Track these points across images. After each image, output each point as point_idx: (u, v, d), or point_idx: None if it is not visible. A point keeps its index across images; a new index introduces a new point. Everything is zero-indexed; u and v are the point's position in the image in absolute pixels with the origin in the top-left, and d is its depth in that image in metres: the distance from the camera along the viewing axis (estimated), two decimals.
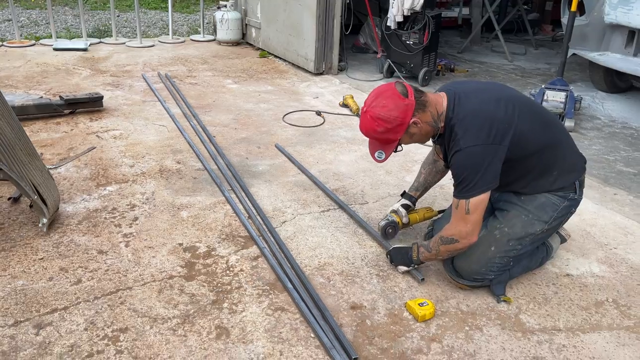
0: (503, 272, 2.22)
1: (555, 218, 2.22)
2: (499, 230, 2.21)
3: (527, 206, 2.21)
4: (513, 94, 2.21)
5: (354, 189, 3.10)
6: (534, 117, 2.16)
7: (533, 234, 2.20)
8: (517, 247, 2.19)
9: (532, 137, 2.12)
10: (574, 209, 2.29)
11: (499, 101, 2.10)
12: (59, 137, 3.65)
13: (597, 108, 4.81)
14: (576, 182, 2.24)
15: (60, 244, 2.45)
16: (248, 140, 3.76)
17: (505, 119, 2.05)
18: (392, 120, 2.08)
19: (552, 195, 2.21)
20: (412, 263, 2.29)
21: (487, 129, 2.02)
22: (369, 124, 2.12)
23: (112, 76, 5.18)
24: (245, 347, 1.90)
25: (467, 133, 2.04)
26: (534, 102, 2.28)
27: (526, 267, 2.34)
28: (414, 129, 2.13)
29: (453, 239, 2.12)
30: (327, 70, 5.58)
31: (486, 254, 2.18)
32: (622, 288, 2.32)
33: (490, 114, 2.06)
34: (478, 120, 2.05)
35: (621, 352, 1.95)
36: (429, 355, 1.91)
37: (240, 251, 2.46)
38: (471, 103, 2.10)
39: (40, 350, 1.84)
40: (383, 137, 2.14)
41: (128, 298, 2.12)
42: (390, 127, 2.09)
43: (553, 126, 2.22)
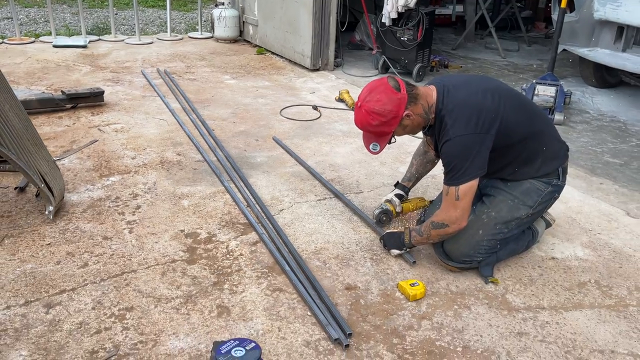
0: (490, 255, 2.33)
1: (539, 203, 2.33)
2: (486, 214, 2.32)
3: (513, 191, 2.32)
4: (498, 85, 2.33)
5: (350, 179, 3.20)
6: (519, 107, 2.27)
7: (519, 218, 2.31)
8: (503, 230, 2.30)
9: (517, 126, 2.23)
10: (557, 195, 2.40)
11: (486, 92, 2.21)
12: (61, 131, 3.74)
13: (587, 102, 4.92)
14: (559, 169, 2.35)
15: (66, 231, 2.54)
16: (246, 134, 3.86)
17: (492, 109, 2.16)
18: (386, 113, 2.18)
19: (536, 181, 2.32)
20: (404, 246, 2.40)
21: (475, 118, 2.13)
22: (364, 117, 2.22)
23: (112, 72, 5.27)
24: (245, 324, 2.00)
25: (456, 123, 2.15)
26: (518, 93, 2.39)
27: (513, 250, 2.44)
28: (406, 121, 2.23)
29: (444, 223, 2.22)
30: (324, 67, 5.68)
31: (474, 237, 2.29)
32: (604, 270, 2.43)
33: (477, 105, 2.17)
34: (466, 111, 2.16)
35: (602, 328, 2.07)
36: (419, 331, 2.02)
37: (239, 237, 2.56)
38: (459, 94, 2.21)
39: (51, 327, 1.94)
40: (378, 130, 2.24)
41: (133, 280, 2.22)
42: (385, 121, 2.19)
43: (537, 115, 2.34)
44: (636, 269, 2.44)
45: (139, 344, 1.89)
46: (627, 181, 3.32)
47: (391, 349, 1.92)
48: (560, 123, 4.28)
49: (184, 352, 1.86)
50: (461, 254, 2.30)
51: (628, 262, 2.49)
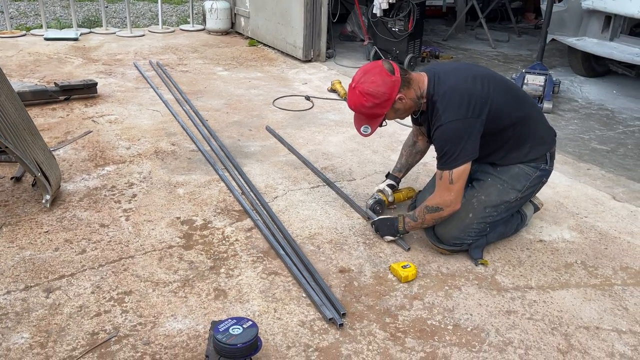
0: (480, 237, 2.39)
1: (528, 187, 2.39)
2: (476, 198, 2.38)
3: (502, 176, 2.39)
4: (487, 72, 2.38)
5: (342, 167, 3.25)
6: (508, 93, 2.33)
7: (508, 201, 2.37)
8: (493, 213, 2.36)
9: (507, 110, 2.29)
10: (545, 179, 2.46)
11: (475, 78, 2.27)
12: (55, 122, 3.76)
13: (575, 91, 5.00)
14: (547, 154, 2.41)
15: (63, 219, 2.58)
16: (240, 124, 3.89)
17: (482, 94, 2.22)
18: (379, 95, 2.22)
19: (525, 166, 2.39)
20: (398, 233, 2.45)
21: (466, 104, 2.19)
22: (358, 99, 2.26)
23: (104, 64, 5.28)
24: (242, 306, 2.06)
25: (448, 108, 2.21)
26: (506, 79, 2.44)
27: (502, 233, 2.51)
28: (399, 105, 2.28)
29: (438, 207, 2.28)
30: (316, 58, 5.72)
31: (464, 220, 2.35)
32: (590, 251, 2.50)
33: (468, 90, 2.22)
34: (457, 96, 2.21)
35: (587, 306, 2.14)
36: (411, 310, 2.07)
37: (235, 223, 2.61)
38: (450, 81, 2.26)
39: (51, 310, 1.98)
40: (370, 112, 2.28)
41: (131, 265, 2.27)
42: (378, 103, 2.23)
43: (525, 101, 2.40)
44: (621, 250, 2.51)
45: (138, 326, 1.93)
46: (614, 167, 3.40)
47: (384, 328, 1.98)
48: (548, 111, 4.35)
49: (182, 332, 1.91)
50: (452, 237, 2.36)
51: (613, 244, 2.56)
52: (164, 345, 1.86)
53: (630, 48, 4.60)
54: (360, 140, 3.63)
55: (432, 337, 1.95)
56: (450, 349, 1.90)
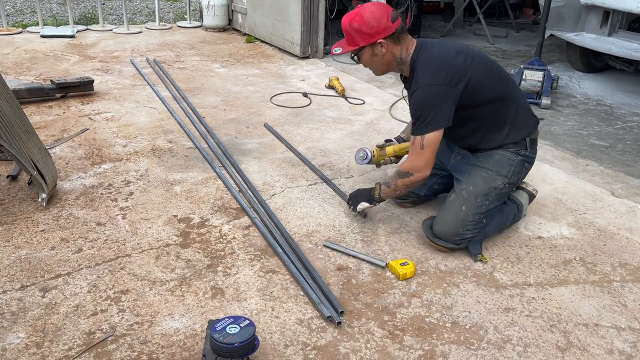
0: (479, 231, 2.39)
1: (513, 172, 2.41)
2: (465, 190, 2.40)
3: (485, 164, 2.41)
4: (473, 50, 2.42)
5: (340, 164, 3.24)
6: (490, 71, 2.37)
7: (496, 188, 2.39)
8: (485, 202, 2.37)
9: (486, 86, 2.32)
10: (528, 165, 2.48)
11: (460, 52, 2.33)
12: (51, 120, 3.74)
13: (574, 87, 4.98)
14: (527, 139, 2.42)
15: (59, 217, 2.56)
16: (237, 121, 3.88)
17: (462, 66, 2.26)
18: (368, 26, 2.26)
19: (505, 151, 2.40)
20: (374, 200, 2.52)
21: (445, 72, 2.23)
22: (352, 16, 2.31)
23: (101, 62, 5.26)
24: (240, 305, 2.04)
25: (426, 74, 2.25)
26: (491, 60, 2.46)
27: (500, 224, 2.51)
28: (378, 50, 2.32)
29: (408, 172, 2.34)
30: (313, 54, 5.69)
31: (459, 214, 2.35)
32: (589, 248, 2.49)
33: (448, 60, 2.28)
34: (437, 64, 2.27)
35: (586, 303, 2.13)
36: (409, 308, 2.07)
37: (232, 221, 2.60)
38: (434, 50, 2.33)
39: (48, 310, 1.97)
40: (352, 34, 2.31)
41: (127, 264, 2.25)
42: (362, 31, 2.27)
43: (506, 82, 2.43)
44: (620, 246, 2.51)
45: (135, 325, 1.92)
46: (612, 162, 3.39)
47: (382, 326, 1.97)
48: (547, 107, 4.34)
49: (179, 331, 1.90)
50: (452, 234, 2.35)
51: (612, 240, 2.55)
52: (161, 344, 1.85)
53: (629, 43, 4.59)
54: (358, 137, 3.61)
55: (431, 334, 1.94)
56: (449, 346, 1.89)
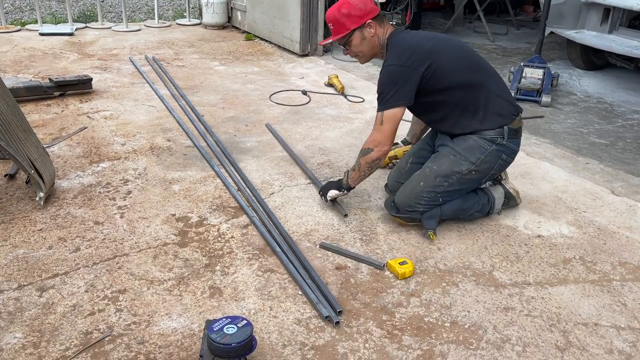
0: (433, 207, 2.46)
1: (483, 161, 2.42)
2: (429, 168, 2.49)
3: (456, 147, 2.45)
4: (452, 40, 2.53)
5: (339, 163, 3.23)
6: (460, 58, 2.44)
7: (459, 172, 2.43)
8: (443, 183, 2.43)
9: (451, 71, 2.38)
10: (505, 156, 2.48)
11: (430, 39, 2.44)
12: (50, 118, 3.73)
13: (574, 84, 4.97)
14: (504, 128, 2.42)
15: (57, 216, 2.55)
16: (236, 119, 3.86)
17: (426, 50, 2.36)
18: (357, 9, 2.40)
19: (479, 138, 2.43)
20: (342, 188, 2.58)
21: (408, 54, 2.34)
22: (339, 5, 2.44)
23: (99, 60, 5.24)
24: (238, 304, 2.04)
25: (392, 56, 2.39)
26: (469, 51, 2.51)
27: (459, 208, 2.54)
28: (367, 32, 2.44)
29: (369, 148, 2.42)
30: (313, 52, 5.68)
31: (416, 188, 2.46)
32: (588, 247, 2.48)
33: (414, 44, 2.39)
34: (403, 47, 2.39)
35: (586, 302, 2.12)
36: (408, 308, 2.06)
37: (230, 220, 2.59)
38: (406, 35, 2.46)
39: (45, 310, 1.96)
40: (342, 20, 2.42)
41: (125, 263, 2.24)
42: (352, 14, 2.40)
43: (481, 71, 2.47)
44: (620, 245, 2.50)
45: (132, 325, 1.91)
46: (613, 161, 3.38)
47: (381, 326, 1.96)
48: (547, 105, 4.33)
49: (177, 331, 1.89)
50: (404, 204, 2.48)
51: (612, 239, 2.54)
52: (159, 344, 1.84)
53: (629, 41, 4.57)
54: (357, 136, 3.60)
55: (429, 334, 1.93)
56: (448, 346, 1.88)
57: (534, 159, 3.33)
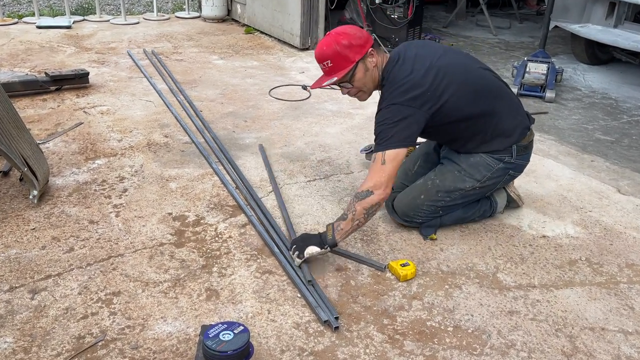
0: (433, 218, 2.41)
1: (488, 178, 2.35)
2: (431, 181, 2.39)
3: (461, 163, 2.37)
4: (452, 62, 2.27)
5: (340, 160, 3.16)
6: (466, 88, 2.23)
7: (462, 189, 2.35)
8: (445, 198, 2.37)
9: (458, 106, 2.22)
10: (512, 172, 2.41)
11: (430, 70, 2.19)
12: (45, 113, 3.66)
13: (578, 79, 4.89)
14: (513, 147, 2.34)
15: (51, 215, 2.50)
16: (235, 115, 3.80)
17: (429, 89, 2.16)
18: (356, 37, 2.17)
19: (487, 156, 2.34)
20: (325, 244, 2.12)
21: (410, 93, 2.14)
22: (334, 38, 2.18)
23: (97, 53, 5.17)
24: (235, 307, 1.98)
25: (391, 94, 2.17)
26: (473, 73, 2.31)
27: (460, 218, 2.49)
28: (369, 63, 2.22)
29: (368, 191, 2.10)
30: (313, 46, 5.59)
31: (416, 200, 2.38)
32: (595, 248, 2.42)
33: (415, 82, 2.17)
34: (402, 85, 2.16)
35: (592, 306, 2.06)
36: (410, 311, 2.00)
37: (228, 219, 2.53)
38: (403, 69, 2.20)
39: (36, 313, 1.91)
40: (344, 53, 2.16)
41: (120, 264, 2.19)
42: (354, 44, 2.16)
43: (490, 96, 2.30)
44: (627, 246, 2.44)
45: (126, 329, 1.86)
46: (618, 158, 3.31)
47: (382, 330, 1.90)
48: (551, 101, 4.26)
49: (172, 336, 1.84)
50: (402, 213, 2.43)
51: (619, 240, 2.48)
52: (153, 349, 1.79)
53: (635, 35, 4.48)
54: (358, 132, 3.53)
55: (432, 339, 1.88)
56: (451, 352, 1.83)
57: (538, 157, 3.26)
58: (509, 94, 2.42)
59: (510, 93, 2.43)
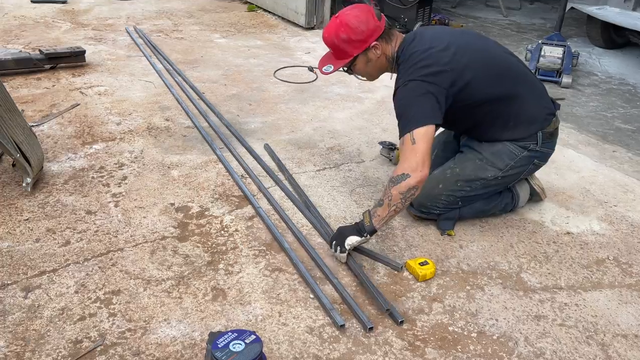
0: (451, 210, 2.26)
1: (511, 167, 2.22)
2: (450, 170, 2.25)
3: (483, 151, 2.23)
4: (470, 41, 2.17)
5: (350, 147, 3.01)
6: (488, 69, 2.12)
7: (484, 178, 2.22)
8: (465, 188, 2.22)
9: (480, 86, 2.09)
10: (538, 161, 2.28)
11: (449, 48, 2.07)
12: (40, 93, 3.49)
13: (594, 64, 4.72)
14: (538, 134, 2.20)
15: (46, 204, 2.35)
16: (238, 97, 3.63)
17: (448, 64, 2.03)
18: (357, 32, 2.07)
19: (511, 144, 2.21)
20: (364, 231, 2.01)
21: (427, 68, 2.01)
22: (335, 28, 2.10)
23: (94, 30, 4.96)
24: (243, 309, 1.85)
25: (407, 71, 2.05)
26: (495, 55, 2.18)
27: (480, 211, 2.35)
28: (371, 54, 2.13)
29: (404, 174, 1.94)
30: (319, 25, 5.39)
31: (434, 190, 2.23)
32: (622, 246, 2.29)
33: (433, 57, 2.04)
34: (420, 61, 2.03)
35: (623, 310, 1.93)
36: (430, 315, 1.87)
37: (234, 211, 2.38)
38: (420, 45, 2.08)
39: (30, 313, 1.77)
40: (342, 46, 2.11)
41: (119, 260, 2.05)
42: (353, 39, 2.08)
43: (511, 78, 2.17)
44: None
45: (127, 332, 1.73)
46: None
47: (401, 336, 1.77)
48: (568, 86, 4.09)
49: (176, 340, 1.71)
50: (419, 204, 2.27)
51: None
52: (156, 356, 1.65)
53: None
54: (368, 117, 3.37)
55: (455, 346, 1.75)
56: None
57: (558, 146, 3.03)
58: (533, 79, 2.27)
59: (534, 78, 2.28)
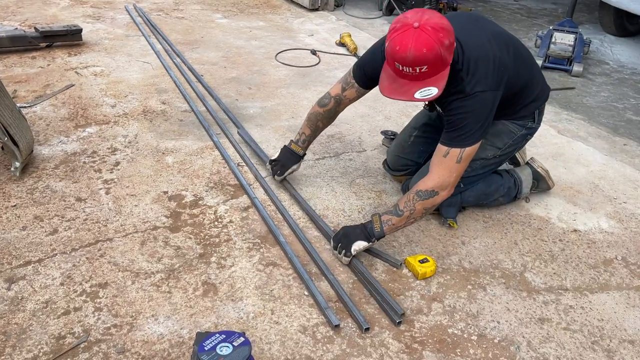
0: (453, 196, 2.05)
1: (509, 145, 2.18)
2: None
3: None
4: (498, 30, 2.03)
5: (351, 136, 2.91)
6: (519, 56, 2.01)
7: (484, 158, 2.16)
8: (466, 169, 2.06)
9: (518, 77, 2.00)
10: (529, 137, 2.25)
11: (490, 41, 1.91)
12: (34, 73, 3.39)
13: (606, 52, 4.58)
14: (536, 111, 2.15)
15: (34, 190, 2.27)
16: (238, 80, 3.52)
17: (502, 62, 1.89)
18: (450, 31, 1.71)
19: (510, 123, 2.15)
20: (373, 237, 1.93)
21: (491, 73, 1.86)
22: (431, 37, 1.65)
23: (92, 7, 4.84)
24: (234, 305, 1.77)
25: (475, 77, 1.84)
26: (508, 38, 2.03)
27: (482, 193, 2.28)
28: None
29: (433, 191, 1.88)
30: (323, 6, 5.25)
31: None
32: (631, 245, 2.20)
33: (493, 57, 1.87)
34: (483, 65, 1.84)
35: (631, 314, 1.86)
36: (429, 315, 1.80)
37: (229, 201, 2.30)
38: (473, 44, 1.87)
39: (12, 306, 1.70)
40: (444, 54, 1.70)
41: (108, 250, 1.97)
42: (451, 40, 1.72)
43: (530, 61, 2.10)
44: None
45: (112, 328, 1.66)
46: None
47: (398, 337, 1.70)
48: (578, 75, 3.97)
49: (163, 338, 1.64)
50: None
51: None
52: (142, 354, 1.59)
53: None
54: (371, 104, 3.27)
55: (454, 349, 1.68)
56: None
57: (566, 138, 3.01)
58: (531, 57, 2.14)
59: (531, 56, 2.14)
